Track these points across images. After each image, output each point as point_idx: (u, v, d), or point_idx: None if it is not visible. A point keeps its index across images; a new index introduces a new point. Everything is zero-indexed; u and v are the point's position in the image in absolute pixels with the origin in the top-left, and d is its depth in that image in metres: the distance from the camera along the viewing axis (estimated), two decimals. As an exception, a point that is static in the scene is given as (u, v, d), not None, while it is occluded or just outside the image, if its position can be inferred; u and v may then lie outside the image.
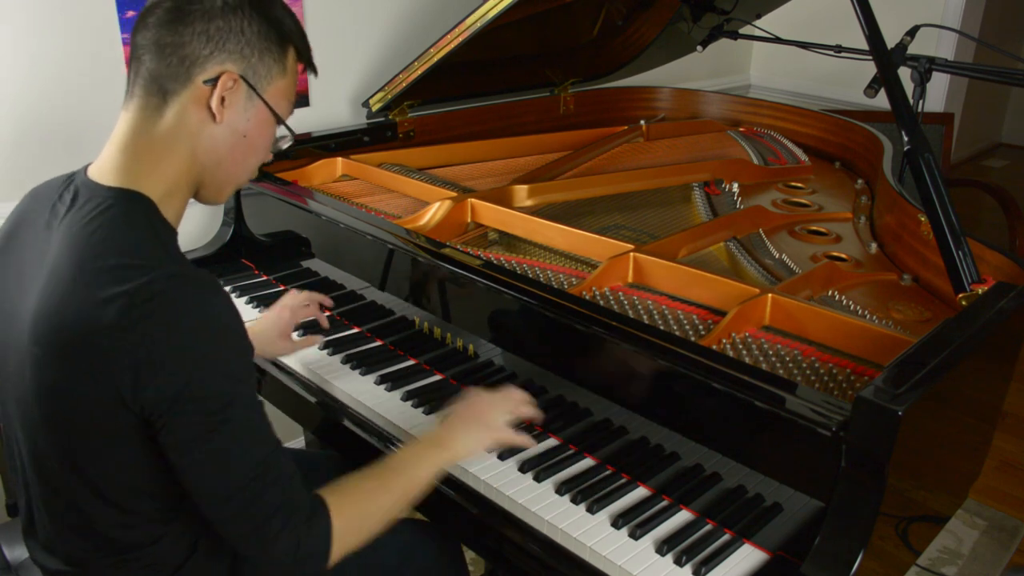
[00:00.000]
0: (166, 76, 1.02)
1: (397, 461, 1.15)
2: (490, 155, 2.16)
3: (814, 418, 1.03)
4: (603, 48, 2.52)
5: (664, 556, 1.08)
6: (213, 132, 1.05)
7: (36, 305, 0.99)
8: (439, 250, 1.47)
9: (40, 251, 1.04)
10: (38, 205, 1.10)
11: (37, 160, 1.87)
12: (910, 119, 1.37)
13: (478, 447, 1.21)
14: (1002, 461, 2.69)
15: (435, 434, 1.21)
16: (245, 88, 1.05)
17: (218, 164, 1.08)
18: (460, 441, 1.19)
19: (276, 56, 1.07)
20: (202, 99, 1.03)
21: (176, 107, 1.03)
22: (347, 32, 2.33)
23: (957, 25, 3.31)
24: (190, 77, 1.02)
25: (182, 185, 1.07)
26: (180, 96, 1.02)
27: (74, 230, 1.00)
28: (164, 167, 1.04)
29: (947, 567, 2.21)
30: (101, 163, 1.05)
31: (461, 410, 1.24)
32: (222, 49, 1.02)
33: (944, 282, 1.33)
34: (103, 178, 1.03)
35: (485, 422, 1.21)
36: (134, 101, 1.04)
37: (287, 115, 1.12)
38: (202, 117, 1.04)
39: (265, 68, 1.06)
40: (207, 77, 1.02)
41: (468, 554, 1.97)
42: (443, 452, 1.18)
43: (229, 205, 1.94)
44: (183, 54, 1.01)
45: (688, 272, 1.42)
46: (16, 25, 1.79)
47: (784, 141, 2.42)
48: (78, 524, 1.07)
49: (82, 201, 1.02)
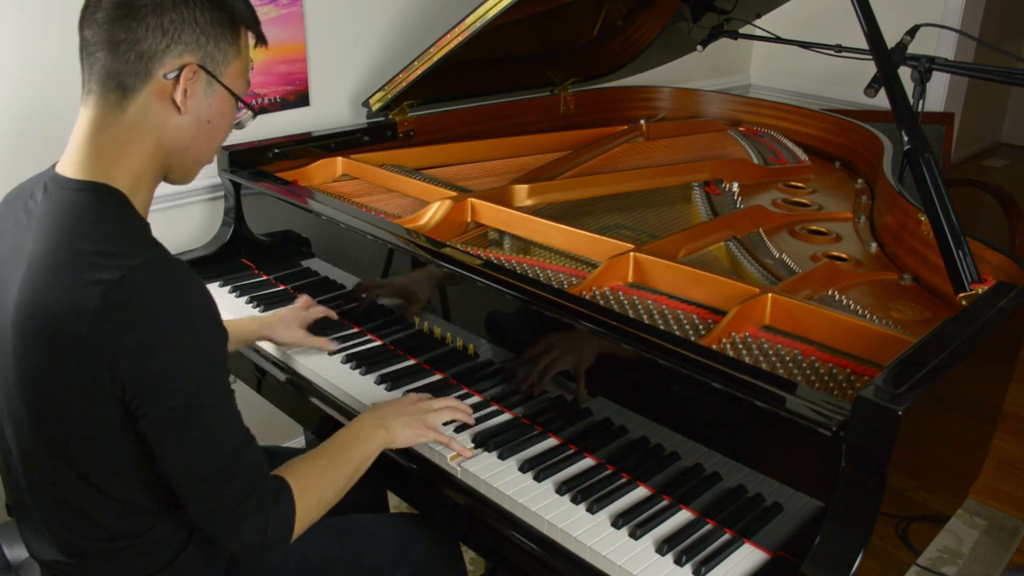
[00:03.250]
0: (124, 73, 1.02)
1: (344, 440, 1.22)
2: (490, 155, 2.16)
3: (814, 418, 1.03)
4: (603, 48, 2.52)
5: (664, 556, 1.08)
6: (178, 123, 1.06)
7: (15, 297, 1.01)
8: (439, 250, 1.47)
9: (16, 247, 1.05)
10: (12, 206, 1.11)
11: (37, 160, 1.86)
12: (910, 119, 1.37)
13: (412, 440, 1.27)
14: (1002, 461, 2.69)
15: (377, 415, 1.27)
16: (205, 76, 1.05)
17: (185, 150, 1.09)
18: (398, 429, 1.25)
19: (230, 40, 1.07)
20: (164, 92, 1.04)
21: (138, 101, 1.03)
22: (347, 32, 2.33)
23: (957, 25, 3.31)
24: (149, 72, 1.02)
25: (148, 174, 1.08)
26: (141, 91, 1.03)
27: (47, 222, 1.02)
28: (129, 158, 1.05)
29: (947, 567, 2.21)
30: (67, 158, 1.06)
31: (404, 401, 1.32)
32: (178, 41, 1.02)
33: (944, 282, 1.33)
34: (70, 172, 1.05)
35: (423, 420, 1.28)
36: (92, 97, 1.04)
37: (244, 91, 1.13)
38: (166, 110, 1.05)
39: (221, 53, 1.06)
40: (167, 71, 1.02)
41: (468, 554, 1.97)
42: (386, 434, 1.24)
43: (229, 205, 1.94)
44: (140, 50, 1.01)
45: (688, 272, 1.42)
46: (12, 26, 1.79)
47: (784, 141, 2.42)
48: (71, 515, 1.08)
49: (52, 195, 1.04)
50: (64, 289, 0.96)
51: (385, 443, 1.24)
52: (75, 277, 0.96)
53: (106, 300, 0.94)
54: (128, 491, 1.07)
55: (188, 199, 2.13)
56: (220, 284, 1.84)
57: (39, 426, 1.04)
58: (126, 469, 1.05)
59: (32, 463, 1.08)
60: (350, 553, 1.30)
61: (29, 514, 1.14)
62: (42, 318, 0.97)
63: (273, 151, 1.93)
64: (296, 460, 1.16)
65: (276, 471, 1.11)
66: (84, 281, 0.95)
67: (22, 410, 1.04)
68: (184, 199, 2.12)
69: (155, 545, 1.11)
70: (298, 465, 1.14)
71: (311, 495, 1.11)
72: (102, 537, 1.09)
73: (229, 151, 1.88)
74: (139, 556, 1.11)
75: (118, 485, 1.06)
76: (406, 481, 1.36)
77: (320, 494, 1.13)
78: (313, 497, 1.11)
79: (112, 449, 1.03)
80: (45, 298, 0.97)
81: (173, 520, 1.12)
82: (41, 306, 0.97)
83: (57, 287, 0.97)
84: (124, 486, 1.06)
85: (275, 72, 2.20)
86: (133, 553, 1.11)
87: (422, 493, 1.35)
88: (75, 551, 1.11)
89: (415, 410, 1.29)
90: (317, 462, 1.16)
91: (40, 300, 0.98)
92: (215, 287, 1.83)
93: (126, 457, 1.04)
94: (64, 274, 0.97)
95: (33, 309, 0.98)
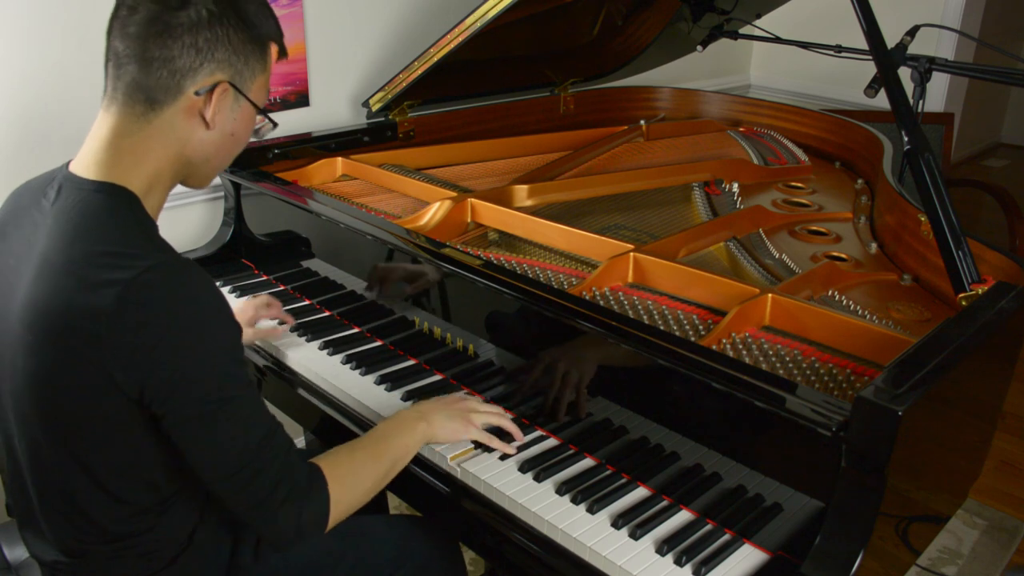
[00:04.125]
0: (155, 88, 1.03)
1: (385, 431, 1.21)
2: (490, 155, 2.16)
3: (814, 418, 1.03)
4: (603, 48, 2.52)
5: (664, 556, 1.08)
6: (203, 136, 1.08)
7: (28, 295, 1.01)
8: (439, 250, 1.47)
9: (29, 245, 1.06)
10: (24, 203, 1.12)
11: (37, 160, 1.87)
12: (910, 119, 1.37)
13: (455, 435, 1.26)
14: (1002, 461, 2.69)
15: (419, 408, 1.27)
16: (233, 92, 1.08)
17: (206, 161, 1.11)
18: (441, 423, 1.25)
19: (259, 56, 1.10)
20: (193, 108, 1.05)
21: (165, 115, 1.05)
22: (347, 32, 2.33)
23: (957, 25, 3.31)
24: (181, 89, 1.04)
25: (165, 179, 1.09)
26: (170, 106, 1.04)
27: (61, 221, 1.02)
28: (147, 165, 1.06)
29: (947, 567, 2.21)
30: (82, 159, 1.07)
31: (449, 399, 1.31)
32: (211, 60, 1.04)
33: (944, 282, 1.33)
34: (86, 172, 1.05)
35: (467, 417, 1.27)
36: (116, 106, 1.05)
37: (264, 103, 1.15)
38: (192, 124, 1.06)
39: (250, 70, 1.09)
40: (198, 88, 1.04)
41: (468, 554, 1.97)
42: (427, 427, 1.24)
43: (229, 205, 1.94)
44: (173, 68, 1.02)
45: (688, 272, 1.42)
46: (15, 26, 1.79)
47: (784, 141, 2.42)
48: (73, 514, 1.08)
49: (67, 194, 1.04)
50: (78, 288, 0.97)
51: (426, 436, 1.24)
52: (89, 276, 0.97)
53: (121, 300, 0.95)
54: (133, 490, 1.07)
55: (188, 199, 2.13)
56: (220, 284, 1.84)
57: (47, 424, 1.04)
58: (133, 468, 1.06)
59: (38, 462, 1.08)
60: (351, 554, 1.30)
61: (32, 515, 1.14)
62: (55, 316, 0.98)
63: (273, 151, 1.93)
64: (335, 449, 1.16)
65: (314, 459, 1.11)
66: (99, 281, 0.96)
67: (31, 408, 1.05)
68: (184, 199, 2.12)
69: (157, 545, 1.12)
70: (335, 454, 1.15)
71: (346, 482, 1.11)
72: (104, 538, 1.09)
73: (229, 151, 1.88)
74: (140, 556, 1.11)
75: (122, 484, 1.06)
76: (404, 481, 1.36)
77: (356, 481, 1.13)
78: (348, 484, 1.11)
79: (119, 448, 1.04)
80: (58, 296, 0.98)
81: (174, 520, 1.12)
82: (54, 304, 0.98)
83: (70, 286, 0.97)
84: (128, 485, 1.07)
85: (275, 72, 2.16)
86: (134, 553, 1.11)
87: (420, 493, 1.35)
88: (76, 551, 1.11)
89: (461, 407, 1.29)
90: (354, 452, 1.16)
91: (54, 298, 0.98)
92: (215, 287, 1.83)
93: (133, 456, 1.05)
94: (77, 273, 0.98)
95: (48, 307, 0.99)
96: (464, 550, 1.47)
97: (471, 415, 1.28)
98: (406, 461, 1.22)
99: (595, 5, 2.33)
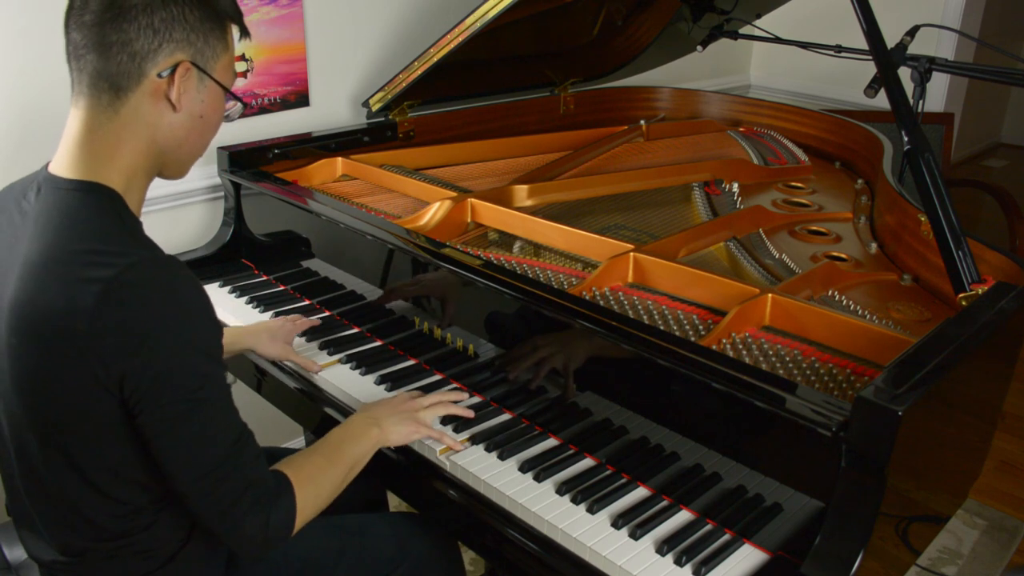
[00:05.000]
0: (116, 74, 1.02)
1: (340, 437, 1.23)
2: (490, 155, 2.16)
3: (814, 418, 1.03)
4: (603, 48, 2.52)
5: (664, 556, 1.08)
6: (172, 120, 1.07)
7: (12, 298, 1.01)
8: (439, 250, 1.47)
9: (11, 248, 1.06)
10: (5, 205, 1.12)
11: (37, 160, 1.87)
12: (910, 119, 1.37)
13: (407, 438, 1.28)
14: (1002, 461, 2.69)
15: (371, 414, 1.28)
16: (196, 73, 1.06)
17: (179, 147, 1.10)
18: (391, 427, 1.27)
19: (218, 35, 1.08)
20: (158, 91, 1.04)
21: (131, 101, 1.04)
22: (347, 32, 2.33)
23: (957, 25, 3.31)
24: (143, 72, 1.03)
25: (141, 172, 1.08)
26: (134, 91, 1.03)
27: (41, 222, 1.02)
28: (123, 158, 1.06)
29: (947, 567, 2.21)
30: (59, 159, 1.07)
31: (396, 400, 1.33)
32: (169, 40, 1.03)
33: (944, 282, 1.33)
34: (64, 172, 1.05)
35: (415, 418, 1.29)
36: (83, 99, 1.04)
37: (232, 84, 1.14)
38: (159, 108, 1.06)
39: (211, 49, 1.07)
40: (160, 70, 1.03)
41: (468, 554, 1.97)
42: (380, 432, 1.25)
43: (229, 205, 1.94)
44: (132, 51, 1.01)
45: (688, 272, 1.42)
46: (7, 26, 1.79)
47: (784, 141, 2.42)
48: (68, 514, 1.08)
49: (46, 195, 1.04)
50: (60, 288, 0.96)
51: (379, 441, 1.25)
52: (70, 276, 0.96)
53: (103, 298, 0.94)
54: (126, 490, 1.07)
55: (188, 199, 2.13)
56: (220, 284, 1.84)
57: (36, 426, 1.04)
58: (123, 467, 1.05)
59: (29, 464, 1.08)
60: (350, 552, 1.30)
61: (28, 514, 1.14)
62: (39, 317, 0.98)
63: (273, 151, 1.93)
64: (293, 456, 1.16)
65: (275, 467, 1.12)
66: (80, 279, 0.96)
67: (19, 411, 1.04)
68: (184, 199, 2.12)
69: (154, 543, 1.12)
70: (296, 461, 1.15)
71: (310, 491, 1.12)
72: (100, 536, 1.09)
73: (229, 151, 1.88)
74: (138, 555, 1.11)
75: (115, 484, 1.06)
76: (403, 479, 1.36)
77: (318, 490, 1.14)
78: (311, 492, 1.12)
79: (109, 447, 1.03)
80: (41, 297, 0.98)
81: (172, 518, 1.12)
82: (37, 304, 0.98)
83: (53, 286, 0.97)
84: (122, 485, 1.06)
85: (275, 72, 2.20)
86: (132, 552, 1.11)
87: (420, 492, 1.35)
88: (74, 551, 1.11)
89: (407, 408, 1.30)
90: (313, 459, 1.17)
91: (36, 299, 0.98)
92: (215, 287, 1.83)
93: (123, 455, 1.04)
94: (59, 273, 0.97)
95: (29, 308, 0.98)
96: (464, 550, 1.47)
97: (420, 415, 1.30)
98: (361, 467, 1.23)
99: (595, 5, 2.33)
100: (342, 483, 1.19)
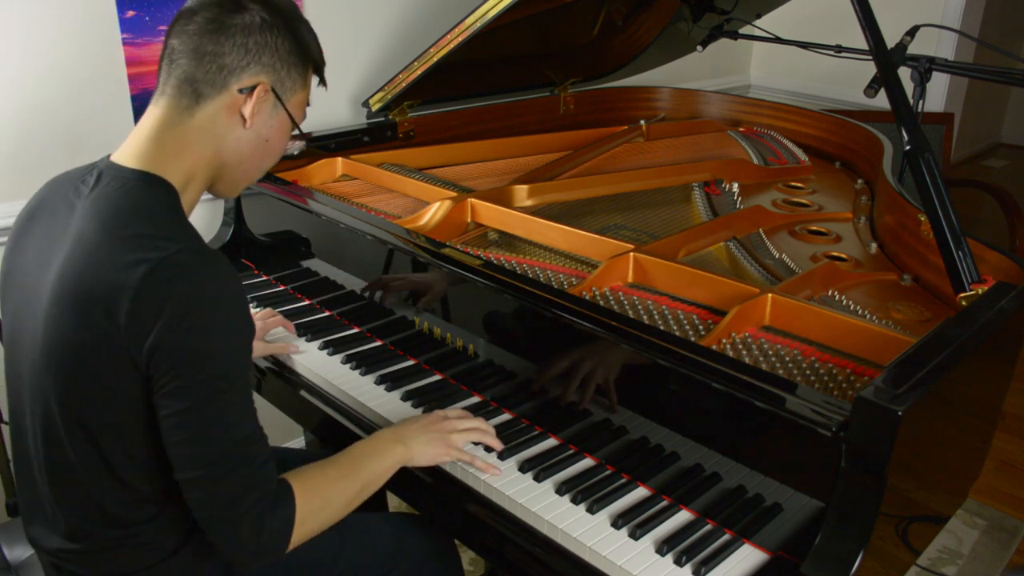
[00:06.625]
0: (202, 81, 1.10)
1: (360, 452, 1.20)
2: (490, 155, 2.16)
3: (814, 418, 1.03)
4: (603, 48, 2.52)
5: (664, 556, 1.08)
6: (240, 135, 1.14)
7: (59, 269, 1.05)
8: (439, 250, 1.47)
9: (63, 225, 1.09)
10: (59, 189, 1.15)
11: (38, 159, 1.87)
12: (910, 119, 1.37)
13: (434, 460, 1.25)
14: (1002, 461, 2.69)
15: (399, 431, 1.25)
16: (273, 98, 1.14)
17: (239, 163, 1.16)
18: (420, 448, 1.23)
19: (300, 71, 1.17)
20: (234, 105, 1.12)
21: (208, 109, 1.11)
22: (347, 32, 2.33)
23: (957, 25, 3.31)
24: (226, 84, 1.10)
25: (199, 177, 1.14)
26: (213, 100, 1.11)
27: (100, 203, 1.07)
28: (187, 159, 1.12)
29: (947, 567, 2.21)
30: (125, 150, 1.12)
31: (429, 419, 1.28)
32: (257, 62, 1.11)
33: (944, 282, 1.33)
34: (127, 162, 1.10)
35: (447, 440, 1.25)
36: (164, 99, 1.12)
37: (301, 123, 1.21)
38: (232, 121, 1.13)
39: (291, 82, 1.16)
40: (242, 86, 1.11)
41: (468, 554, 1.97)
42: (405, 451, 1.22)
43: (229, 205, 1.94)
44: (222, 63, 1.09)
45: (688, 272, 1.42)
46: (16, 25, 1.79)
47: (784, 141, 2.42)
48: (80, 495, 1.10)
49: (107, 180, 1.09)
50: (110, 263, 1.00)
51: (403, 460, 1.22)
52: (122, 254, 1.00)
53: (149, 274, 0.98)
54: (138, 476, 1.08)
55: (188, 199, 2.13)
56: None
57: (64, 400, 1.06)
58: (137, 449, 1.07)
59: (50, 438, 1.09)
60: (349, 550, 1.30)
61: (37, 497, 1.15)
62: (84, 288, 1.01)
63: (273, 151, 1.93)
64: (307, 466, 1.14)
65: (285, 475, 1.10)
66: (130, 260, 0.99)
67: (49, 384, 1.06)
68: (184, 199, 2.12)
69: (157, 535, 1.13)
70: (307, 471, 1.13)
71: (315, 503, 1.10)
72: (107, 522, 1.10)
73: (229, 151, 1.88)
74: (141, 546, 1.12)
75: (128, 467, 1.08)
76: (403, 480, 1.36)
77: (325, 503, 1.11)
78: (316, 505, 1.10)
79: (127, 427, 1.05)
80: (89, 271, 1.01)
81: (176, 512, 1.13)
82: (85, 277, 1.01)
83: (103, 261, 1.00)
84: (133, 469, 1.08)
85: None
86: (136, 543, 1.12)
87: (419, 492, 1.35)
88: (79, 534, 1.12)
89: (440, 428, 1.26)
90: (327, 471, 1.15)
91: (84, 272, 1.01)
92: (215, 287, 1.83)
93: (142, 439, 1.06)
94: (111, 250, 1.01)
95: (77, 280, 1.02)
96: (464, 550, 1.47)
97: (452, 436, 1.25)
98: (378, 485, 1.20)
99: (595, 5, 2.33)
100: (355, 499, 1.16)
